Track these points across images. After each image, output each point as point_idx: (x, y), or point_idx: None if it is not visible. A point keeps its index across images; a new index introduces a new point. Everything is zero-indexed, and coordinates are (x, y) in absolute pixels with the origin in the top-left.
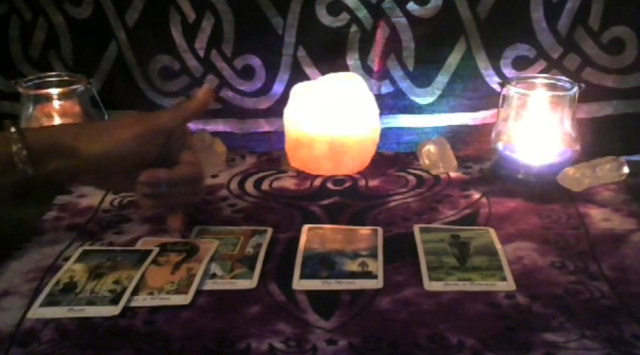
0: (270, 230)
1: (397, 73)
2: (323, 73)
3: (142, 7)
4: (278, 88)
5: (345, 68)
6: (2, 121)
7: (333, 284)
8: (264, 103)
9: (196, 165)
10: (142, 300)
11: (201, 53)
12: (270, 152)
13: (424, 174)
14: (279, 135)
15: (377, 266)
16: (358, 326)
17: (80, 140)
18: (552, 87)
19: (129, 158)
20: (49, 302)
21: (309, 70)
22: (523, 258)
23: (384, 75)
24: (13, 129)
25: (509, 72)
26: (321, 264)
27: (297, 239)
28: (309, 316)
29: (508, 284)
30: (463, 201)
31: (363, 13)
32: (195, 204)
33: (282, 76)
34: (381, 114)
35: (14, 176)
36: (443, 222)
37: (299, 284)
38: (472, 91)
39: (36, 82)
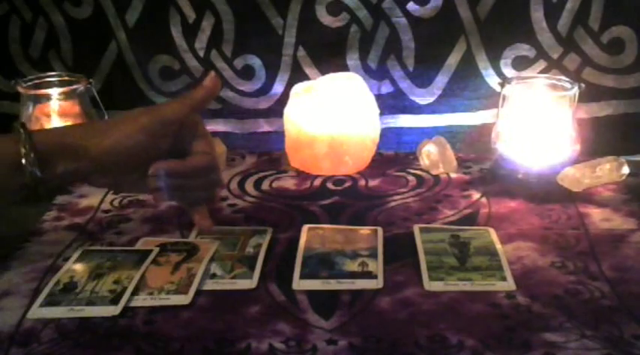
0: (270, 230)
1: (397, 73)
2: (323, 73)
3: (142, 7)
4: (278, 87)
5: (345, 68)
6: (12, 124)
7: (333, 284)
8: (264, 103)
9: (209, 155)
10: (142, 300)
11: (201, 53)
12: (270, 152)
13: (424, 174)
14: (279, 135)
15: (377, 266)
16: (358, 326)
17: (87, 139)
18: (552, 87)
19: (139, 152)
20: (49, 302)
21: (309, 70)
22: (523, 258)
23: (384, 75)
24: (21, 131)
25: (509, 72)
26: (321, 263)
27: (297, 239)
28: (309, 316)
29: (508, 284)
30: (463, 201)
31: (363, 13)
32: (215, 198)
33: (282, 76)
34: (381, 114)
35: (23, 179)
36: (443, 222)
37: (299, 284)
38: (472, 91)
39: (36, 82)
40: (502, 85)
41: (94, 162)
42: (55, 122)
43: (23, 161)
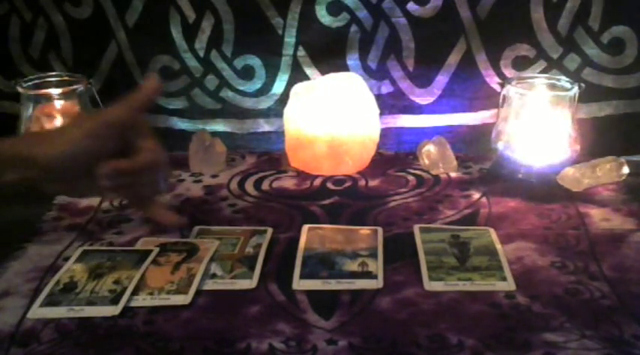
0: (270, 230)
1: (397, 73)
2: (323, 73)
3: (142, 7)
4: (278, 87)
5: (345, 68)
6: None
7: (333, 284)
8: (264, 103)
9: (155, 152)
10: (142, 300)
11: (201, 53)
12: (270, 152)
13: (424, 174)
14: (279, 135)
15: (377, 266)
16: (358, 326)
17: (35, 147)
18: (552, 87)
19: (86, 157)
20: (49, 302)
21: (309, 70)
22: (523, 258)
23: (384, 75)
24: None
25: (509, 72)
26: (321, 264)
27: (297, 239)
28: (309, 316)
29: (508, 284)
30: (463, 201)
31: (363, 13)
32: (165, 192)
33: (282, 76)
34: (381, 114)
35: None
36: (443, 222)
37: (299, 284)
38: (472, 91)
39: (36, 82)
40: (502, 85)
41: (42, 170)
42: (56, 122)
43: None
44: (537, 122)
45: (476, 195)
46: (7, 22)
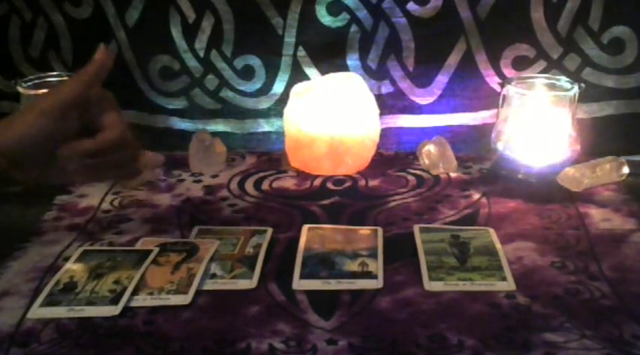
0: (270, 230)
1: (397, 73)
2: (323, 73)
3: (142, 7)
4: (278, 87)
5: (345, 68)
6: None
7: (333, 284)
8: (264, 103)
9: (120, 128)
10: (142, 300)
11: (201, 53)
12: (270, 152)
13: (424, 174)
14: (279, 135)
15: (377, 266)
16: (358, 326)
17: None
18: (552, 87)
19: (46, 138)
20: (49, 302)
21: (309, 70)
22: (523, 258)
23: (384, 75)
24: None
25: (509, 72)
26: (321, 264)
27: (297, 239)
28: (309, 316)
29: (508, 284)
30: (463, 201)
31: (363, 13)
32: (138, 171)
33: (282, 76)
34: (381, 114)
35: None
36: (443, 222)
37: (299, 284)
38: (472, 91)
39: (36, 82)
40: (502, 85)
41: (5, 157)
42: None
43: None
44: (537, 122)
45: (476, 195)
46: (7, 22)
